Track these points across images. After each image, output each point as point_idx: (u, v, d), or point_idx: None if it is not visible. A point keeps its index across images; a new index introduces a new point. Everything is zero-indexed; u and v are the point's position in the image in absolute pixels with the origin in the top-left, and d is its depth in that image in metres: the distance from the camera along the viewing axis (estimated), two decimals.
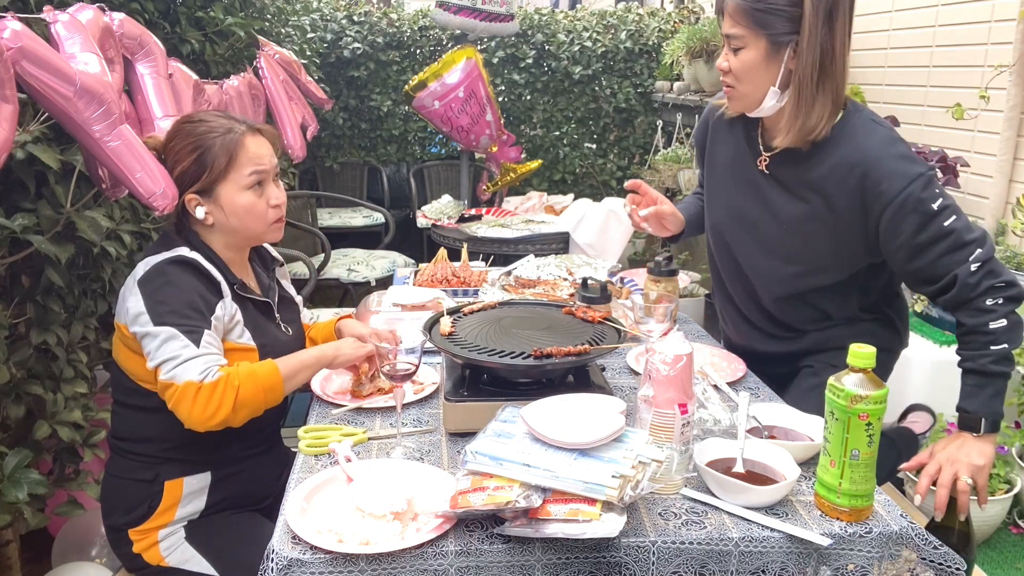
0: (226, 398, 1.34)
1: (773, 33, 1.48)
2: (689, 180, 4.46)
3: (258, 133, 1.54)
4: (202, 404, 1.34)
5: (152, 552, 1.50)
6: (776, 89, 1.52)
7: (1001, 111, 2.83)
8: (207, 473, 1.53)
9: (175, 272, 1.43)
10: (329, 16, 5.11)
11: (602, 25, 5.43)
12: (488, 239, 3.33)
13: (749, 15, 1.47)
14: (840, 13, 1.49)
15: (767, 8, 1.46)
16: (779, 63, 1.50)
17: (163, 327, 1.37)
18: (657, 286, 1.93)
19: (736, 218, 1.75)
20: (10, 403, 1.63)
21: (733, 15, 1.50)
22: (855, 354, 1.16)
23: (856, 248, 1.60)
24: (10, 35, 1.20)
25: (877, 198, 1.50)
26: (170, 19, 2.25)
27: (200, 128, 1.50)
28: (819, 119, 1.51)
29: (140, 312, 1.39)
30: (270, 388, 1.41)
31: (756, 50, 1.50)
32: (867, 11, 3.68)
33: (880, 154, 1.50)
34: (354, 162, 5.50)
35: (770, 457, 1.31)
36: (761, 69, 1.51)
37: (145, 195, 1.43)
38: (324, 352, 1.52)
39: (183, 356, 1.36)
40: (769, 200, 1.67)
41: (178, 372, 1.35)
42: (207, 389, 1.34)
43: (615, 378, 1.75)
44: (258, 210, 1.53)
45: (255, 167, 1.51)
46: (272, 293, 1.66)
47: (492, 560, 1.12)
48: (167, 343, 1.37)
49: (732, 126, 1.73)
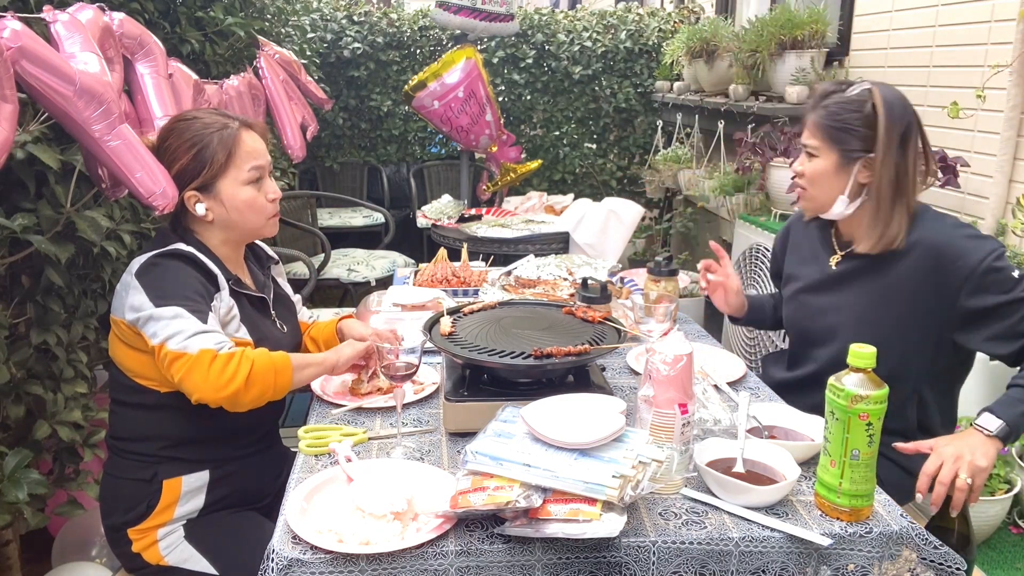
0: (242, 368, 1.34)
1: (845, 149, 1.62)
2: (689, 180, 4.46)
3: (250, 128, 1.56)
4: (217, 371, 1.32)
5: (151, 551, 1.50)
6: (845, 197, 1.65)
7: (1001, 111, 2.83)
8: (205, 472, 1.53)
9: (172, 263, 1.44)
10: (329, 16, 5.11)
11: (602, 25, 5.42)
12: (488, 239, 3.33)
13: (824, 130, 1.63)
14: (912, 137, 1.61)
15: (841, 126, 1.61)
16: (848, 175, 1.63)
17: (168, 307, 1.37)
18: (657, 286, 1.94)
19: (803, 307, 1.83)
20: (10, 403, 1.63)
21: (811, 128, 1.67)
22: (855, 354, 1.16)
23: (924, 321, 1.64)
24: (10, 35, 1.20)
25: (955, 273, 1.57)
26: (170, 19, 2.25)
27: (195, 124, 1.50)
28: (897, 229, 1.62)
29: (142, 301, 1.39)
30: (281, 371, 1.40)
31: (827, 161, 1.64)
32: (867, 11, 3.69)
33: (952, 235, 1.60)
34: (354, 162, 5.50)
35: (770, 457, 1.31)
36: (831, 178, 1.65)
37: (145, 195, 1.43)
38: (327, 357, 1.53)
39: (192, 330, 1.35)
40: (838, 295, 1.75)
41: (191, 343, 1.34)
42: (223, 358, 1.34)
43: (615, 378, 1.75)
44: (258, 204, 1.54)
45: (255, 162, 1.52)
46: (267, 290, 1.67)
47: (492, 560, 1.12)
48: (174, 320, 1.36)
49: (808, 226, 1.87)
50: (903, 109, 1.60)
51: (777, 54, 3.75)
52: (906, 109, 1.60)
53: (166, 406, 1.49)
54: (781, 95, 3.76)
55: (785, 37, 3.67)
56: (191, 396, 1.36)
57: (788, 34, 3.65)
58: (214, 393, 1.33)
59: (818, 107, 1.66)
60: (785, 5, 3.91)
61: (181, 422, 1.50)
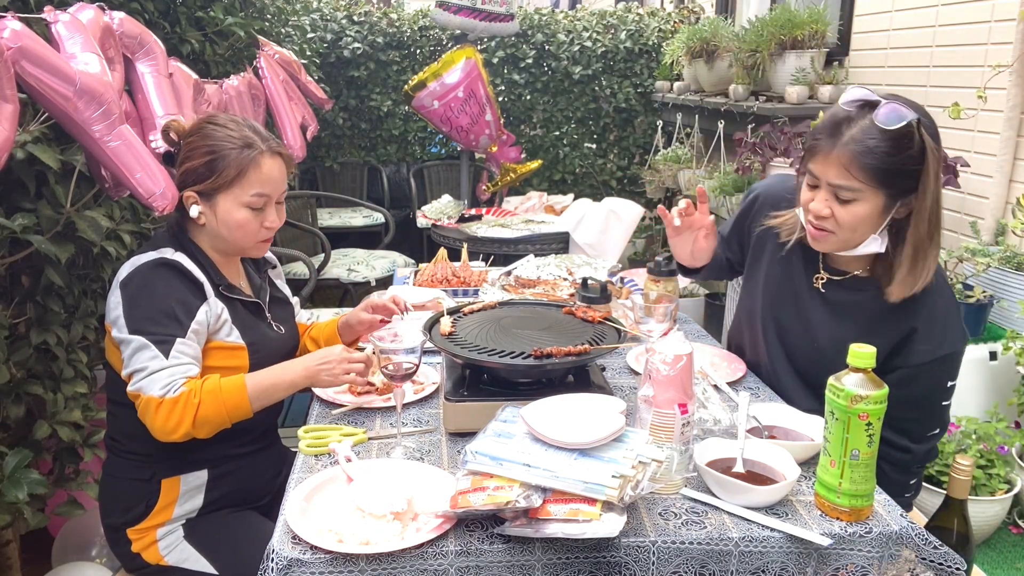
0: (186, 415, 1.36)
1: (893, 191, 1.41)
2: (689, 180, 4.46)
3: (277, 156, 1.53)
4: (163, 419, 1.36)
5: (151, 551, 1.51)
6: (876, 236, 1.47)
7: (1001, 111, 2.83)
8: (204, 471, 1.53)
9: (155, 276, 1.44)
10: (329, 16, 5.11)
11: (602, 25, 5.42)
12: (488, 239, 3.33)
13: (872, 172, 1.39)
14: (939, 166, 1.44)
15: (894, 168, 1.39)
16: (888, 214, 1.44)
17: (135, 335, 1.39)
18: (657, 286, 1.93)
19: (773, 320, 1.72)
20: (10, 403, 1.63)
21: (848, 167, 1.40)
22: (855, 354, 1.16)
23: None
24: (10, 35, 1.20)
25: (911, 355, 1.52)
26: (170, 19, 2.25)
27: (219, 133, 1.48)
28: (931, 269, 1.47)
29: (118, 316, 1.41)
30: (234, 407, 1.41)
31: (872, 205, 1.42)
32: (867, 11, 3.68)
33: (942, 315, 1.51)
34: (354, 162, 5.50)
35: (770, 457, 1.31)
36: (871, 221, 1.45)
37: (145, 195, 1.43)
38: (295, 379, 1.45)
39: (150, 368, 1.37)
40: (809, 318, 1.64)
41: (144, 384, 1.37)
42: (167, 405, 1.36)
43: (615, 378, 1.75)
44: (249, 228, 1.51)
45: (261, 189, 1.50)
46: (263, 293, 1.66)
47: (492, 560, 1.12)
48: (138, 353, 1.38)
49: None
50: (936, 134, 1.42)
51: (777, 54, 3.75)
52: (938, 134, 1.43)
53: None
54: (781, 95, 3.76)
55: (785, 37, 3.67)
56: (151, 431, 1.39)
57: (788, 34, 3.65)
58: (164, 437, 1.38)
59: (842, 138, 1.40)
60: (785, 5, 3.91)
61: None
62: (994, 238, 2.89)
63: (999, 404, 2.59)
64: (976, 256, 2.67)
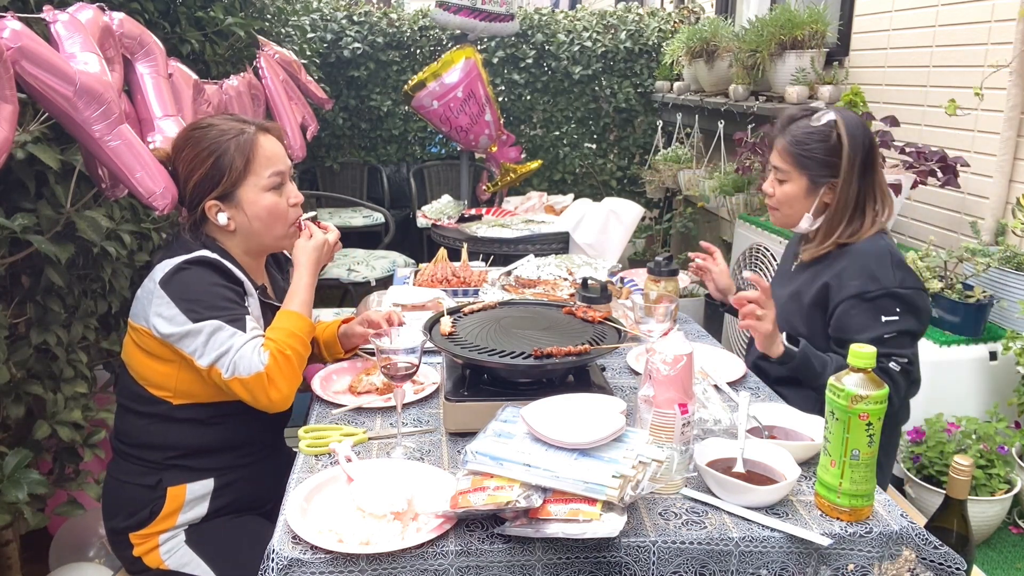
0: (291, 370, 1.40)
1: (812, 175, 1.76)
2: (689, 180, 4.46)
3: (267, 132, 1.54)
4: (276, 386, 1.38)
5: (152, 556, 1.50)
6: (810, 215, 1.80)
7: (1001, 111, 2.83)
8: (210, 480, 1.52)
9: (200, 271, 1.43)
10: (329, 16, 5.10)
11: (602, 25, 5.42)
12: (488, 239, 3.33)
13: (793, 157, 1.77)
14: (874, 163, 1.76)
15: (808, 155, 1.75)
16: (815, 196, 1.78)
17: (205, 322, 1.37)
18: (657, 286, 1.94)
19: None
20: (10, 403, 1.63)
21: (780, 152, 1.80)
22: (855, 354, 1.16)
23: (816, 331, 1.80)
24: (10, 35, 1.20)
25: (841, 289, 1.72)
26: (170, 19, 2.25)
27: (211, 132, 1.48)
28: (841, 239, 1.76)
29: (173, 315, 1.38)
30: (308, 333, 1.48)
31: (797, 185, 1.79)
32: (867, 11, 3.68)
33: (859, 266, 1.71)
34: (354, 162, 5.49)
35: (770, 457, 1.31)
36: (800, 200, 1.80)
37: (145, 195, 1.43)
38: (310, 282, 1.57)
39: (235, 346, 1.37)
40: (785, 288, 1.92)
41: (237, 362, 1.36)
42: (274, 370, 1.37)
43: (615, 378, 1.75)
44: (280, 210, 1.53)
45: (274, 168, 1.51)
46: (283, 295, 1.66)
47: (492, 560, 1.12)
48: (214, 336, 1.37)
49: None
50: (864, 137, 1.74)
51: (777, 54, 3.75)
52: (867, 136, 1.75)
53: (176, 418, 1.48)
54: (781, 95, 3.76)
55: (785, 37, 3.67)
56: (267, 410, 1.41)
57: (788, 34, 3.65)
58: (285, 402, 1.40)
59: (786, 132, 1.78)
60: (785, 5, 3.91)
61: (190, 433, 1.49)
62: (994, 238, 2.89)
63: (999, 404, 2.59)
64: (976, 256, 2.67)
